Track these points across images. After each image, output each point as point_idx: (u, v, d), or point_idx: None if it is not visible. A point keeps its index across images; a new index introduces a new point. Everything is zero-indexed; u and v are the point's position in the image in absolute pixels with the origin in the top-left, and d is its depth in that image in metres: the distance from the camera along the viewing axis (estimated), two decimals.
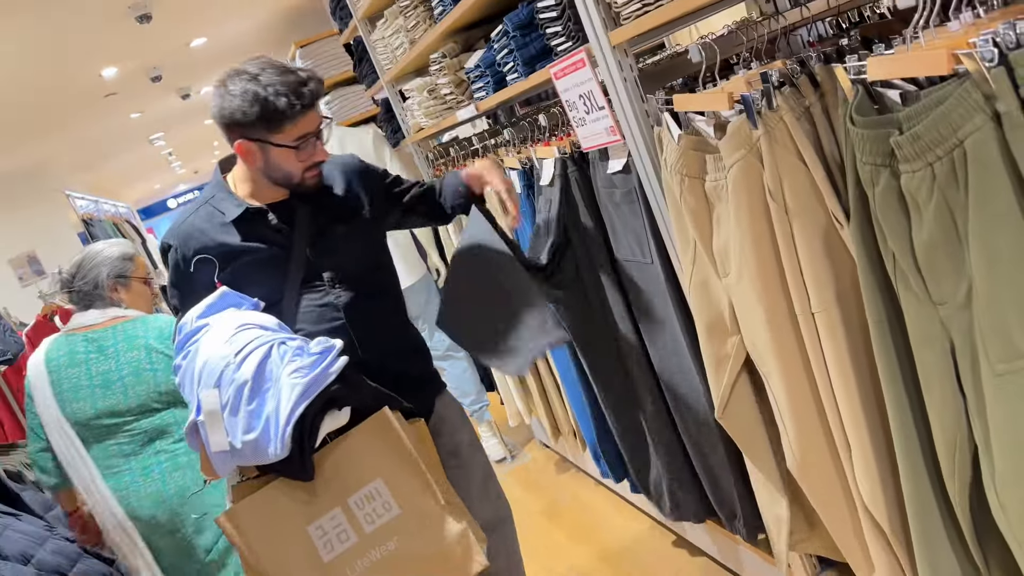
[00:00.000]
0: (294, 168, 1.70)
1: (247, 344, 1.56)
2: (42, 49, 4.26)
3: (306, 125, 1.66)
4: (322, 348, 1.58)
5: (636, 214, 1.92)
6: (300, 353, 1.56)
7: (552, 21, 1.92)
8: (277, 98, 1.59)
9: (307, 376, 1.52)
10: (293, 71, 1.63)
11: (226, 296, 1.69)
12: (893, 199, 1.13)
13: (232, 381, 1.52)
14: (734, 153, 1.44)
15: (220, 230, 1.75)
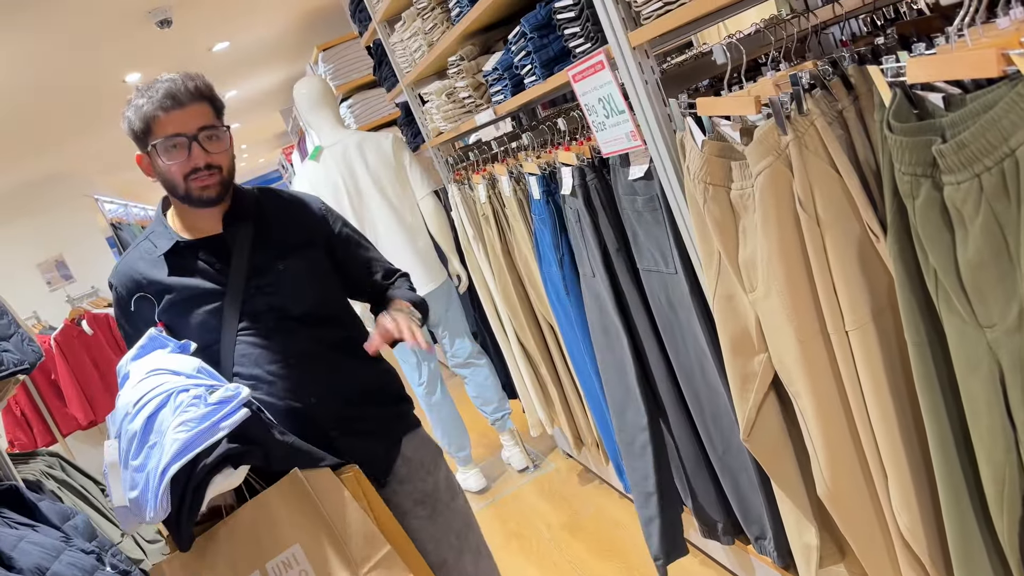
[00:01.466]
0: (174, 175, 1.58)
1: (147, 392, 1.44)
2: (65, 56, 4.27)
3: (176, 124, 1.54)
4: (220, 398, 1.43)
5: (659, 222, 1.83)
6: (196, 403, 1.42)
7: (570, 22, 1.84)
8: (146, 100, 1.54)
9: (191, 431, 1.38)
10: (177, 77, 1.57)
11: (152, 339, 1.59)
12: (935, 212, 1.03)
13: (125, 432, 1.43)
14: (761, 160, 1.35)
15: (154, 266, 1.67)
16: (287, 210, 1.78)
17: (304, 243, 1.74)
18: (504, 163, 2.75)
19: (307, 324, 1.69)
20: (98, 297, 6.89)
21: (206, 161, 1.57)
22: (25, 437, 6.19)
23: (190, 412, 1.40)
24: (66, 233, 7.10)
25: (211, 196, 1.61)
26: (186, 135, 1.55)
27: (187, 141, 1.55)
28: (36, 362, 2.96)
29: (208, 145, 1.57)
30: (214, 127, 1.58)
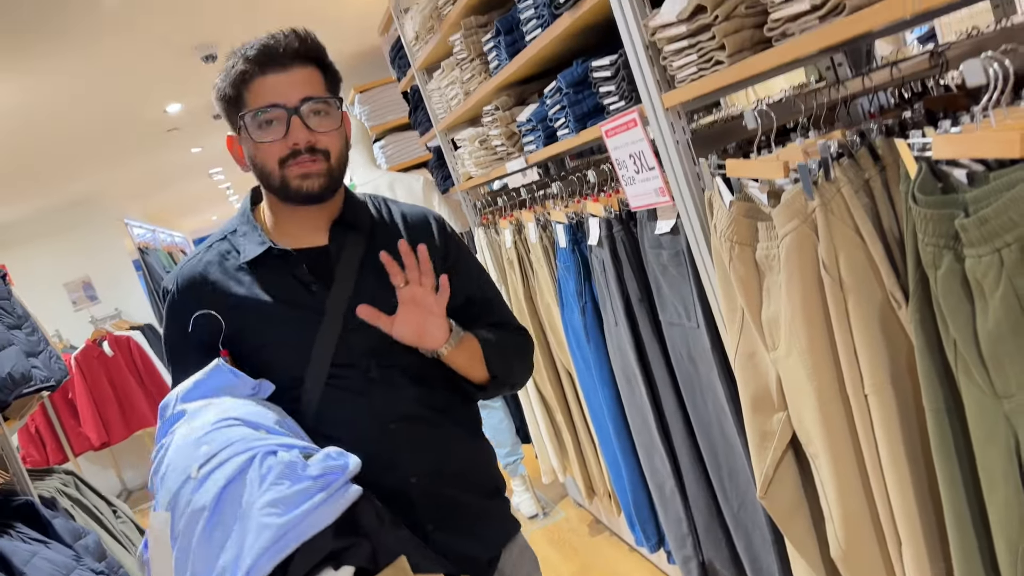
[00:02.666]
0: (266, 158, 1.23)
1: (220, 451, 1.10)
2: (111, 85, 4.41)
3: (273, 91, 1.21)
4: (324, 469, 1.08)
5: (683, 277, 1.87)
6: (291, 474, 1.07)
7: (606, 80, 1.90)
8: (239, 59, 1.22)
9: (286, 515, 1.03)
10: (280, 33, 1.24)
11: (218, 371, 1.23)
12: (956, 283, 1.07)
13: (188, 504, 1.07)
14: (788, 223, 1.39)
15: (232, 276, 1.30)
16: (407, 226, 1.39)
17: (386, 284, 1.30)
18: (532, 210, 2.81)
19: (415, 379, 1.32)
20: (120, 319, 7.00)
21: (308, 142, 1.21)
22: (38, 454, 6.24)
23: (283, 487, 1.05)
24: (95, 255, 7.23)
25: (313, 189, 1.24)
26: (285, 106, 1.20)
27: (286, 114, 1.20)
28: (62, 380, 3.02)
29: (313, 122, 1.21)
30: (324, 100, 1.23)
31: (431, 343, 1.27)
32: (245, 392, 1.22)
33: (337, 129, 1.25)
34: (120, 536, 3.34)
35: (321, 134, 1.23)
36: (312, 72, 1.24)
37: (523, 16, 2.20)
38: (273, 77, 1.21)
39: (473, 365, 1.33)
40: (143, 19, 3.53)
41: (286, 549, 1.03)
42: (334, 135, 1.25)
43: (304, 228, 1.32)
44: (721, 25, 1.42)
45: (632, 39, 1.69)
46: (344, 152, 1.28)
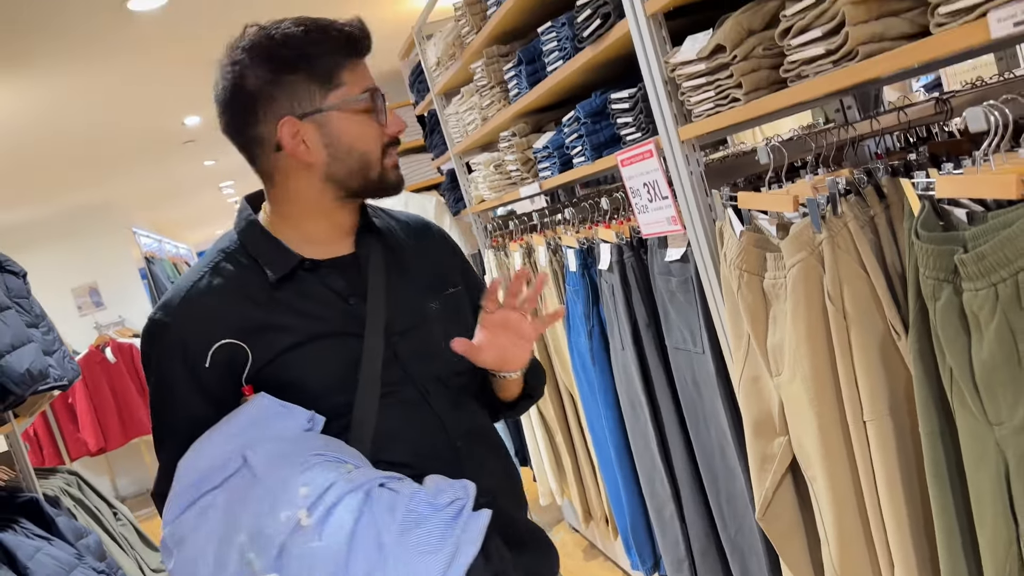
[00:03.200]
0: (370, 145, 1.13)
1: (325, 493, 0.95)
2: (133, 95, 4.51)
3: (365, 75, 1.14)
4: (449, 497, 0.99)
5: (691, 303, 1.93)
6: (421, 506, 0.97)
7: (624, 112, 1.98)
8: (323, 36, 1.09)
9: (442, 550, 0.93)
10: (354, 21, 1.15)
11: (263, 406, 1.07)
12: (954, 315, 1.13)
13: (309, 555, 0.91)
14: (796, 254, 1.46)
15: (252, 297, 1.13)
16: (410, 231, 1.30)
17: (445, 279, 1.27)
18: (543, 234, 2.88)
19: (468, 392, 1.25)
20: (124, 327, 7.05)
21: (398, 133, 1.16)
22: (34, 457, 6.26)
23: (422, 521, 0.95)
24: (102, 262, 7.30)
25: (400, 180, 1.18)
26: (381, 92, 1.14)
27: (383, 100, 1.13)
28: (74, 380, 3.08)
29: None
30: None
31: (511, 367, 1.19)
32: (298, 427, 1.06)
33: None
34: (119, 538, 3.38)
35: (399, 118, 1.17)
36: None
37: (546, 48, 2.29)
38: (364, 63, 1.14)
39: (518, 382, 1.29)
40: (170, 32, 3.63)
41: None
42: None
43: (333, 235, 1.20)
44: (739, 64, 1.50)
45: (652, 74, 1.77)
46: None
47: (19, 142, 4.66)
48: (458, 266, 1.36)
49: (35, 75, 3.68)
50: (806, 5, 1.29)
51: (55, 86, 3.89)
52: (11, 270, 2.82)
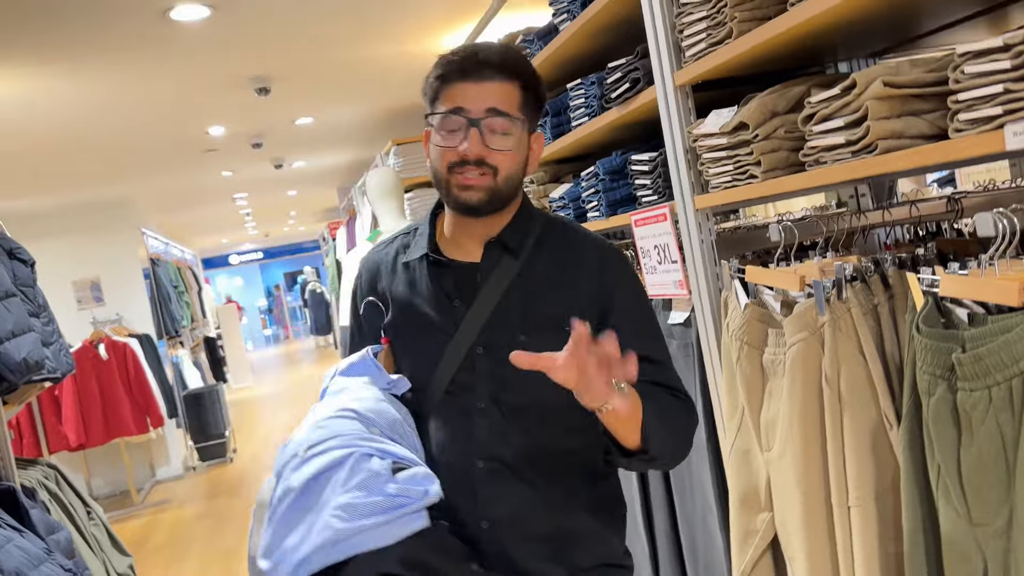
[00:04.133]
0: (437, 161, 1.25)
1: (328, 439, 1.14)
2: (162, 99, 4.58)
3: (463, 97, 1.22)
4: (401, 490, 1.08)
5: (689, 368, 1.95)
6: (371, 484, 1.08)
7: (643, 174, 2.03)
8: (445, 63, 1.25)
9: (348, 523, 1.05)
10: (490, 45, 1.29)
11: (364, 361, 1.31)
12: (947, 412, 1.15)
13: (286, 479, 1.13)
14: (797, 333, 1.49)
15: (398, 271, 1.35)
16: (569, 259, 1.32)
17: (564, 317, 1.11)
18: None
19: (525, 425, 1.26)
20: (120, 325, 7.05)
21: (479, 154, 1.21)
22: (13, 444, 6.20)
23: (360, 495, 1.06)
24: (107, 258, 7.33)
25: (471, 201, 1.24)
26: (468, 115, 1.21)
27: (466, 122, 1.21)
28: (67, 373, 3.08)
29: (492, 137, 1.21)
30: (508, 116, 1.21)
31: (589, 401, 1.08)
32: (381, 384, 1.28)
33: (513, 149, 1.24)
34: (90, 538, 3.35)
35: (495, 150, 1.22)
36: (508, 88, 1.23)
37: (573, 102, 2.34)
38: (467, 85, 1.22)
39: (628, 428, 1.15)
40: (206, 43, 3.71)
41: (338, 555, 1.04)
42: (509, 154, 1.24)
43: (469, 240, 1.32)
44: (760, 143, 1.54)
45: (674, 141, 1.82)
46: (517, 172, 1.27)
47: (46, 131, 4.73)
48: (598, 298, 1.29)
49: (73, 69, 3.75)
50: (831, 95, 1.34)
51: (89, 81, 3.96)
52: (21, 258, 2.85)
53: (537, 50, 2.56)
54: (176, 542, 5.38)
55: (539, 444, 1.26)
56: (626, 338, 1.09)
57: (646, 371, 1.15)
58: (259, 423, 9.49)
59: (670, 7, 1.79)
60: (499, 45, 1.29)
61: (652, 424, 1.16)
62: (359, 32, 3.96)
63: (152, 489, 7.02)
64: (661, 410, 1.19)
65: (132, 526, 6.02)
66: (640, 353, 1.11)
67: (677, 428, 1.26)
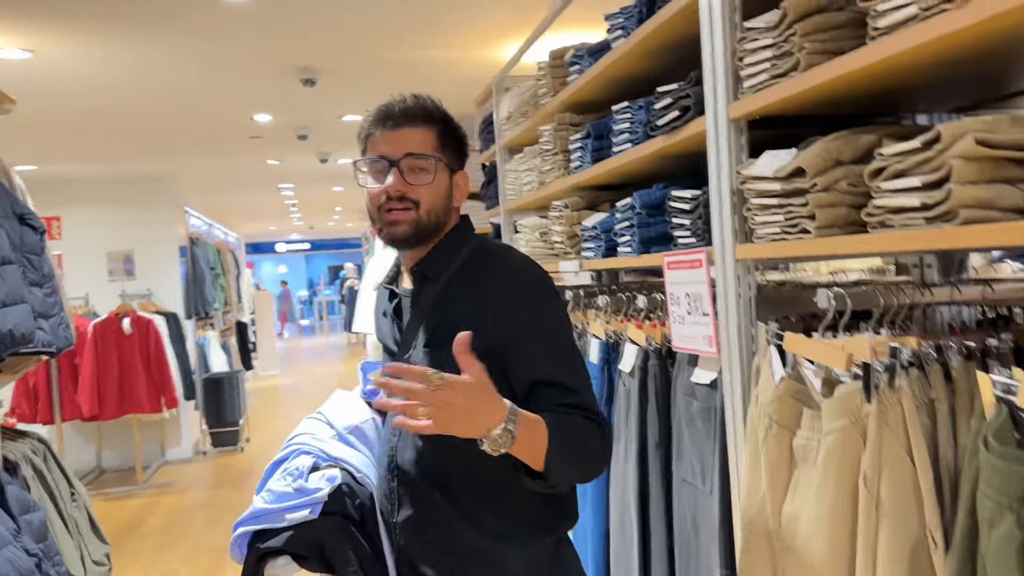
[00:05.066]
0: (370, 202, 1.39)
1: (297, 435, 1.52)
2: (209, 81, 4.52)
3: (384, 145, 1.37)
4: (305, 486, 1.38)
5: (709, 435, 1.74)
6: (291, 477, 1.41)
7: (682, 212, 1.83)
8: (370, 115, 1.41)
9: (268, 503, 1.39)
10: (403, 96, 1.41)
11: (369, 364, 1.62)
12: (1012, 552, 0.93)
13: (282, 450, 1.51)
14: (836, 420, 1.27)
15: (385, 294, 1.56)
16: (483, 284, 1.38)
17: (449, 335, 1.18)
18: (573, 313, 2.71)
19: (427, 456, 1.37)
20: (149, 301, 7.02)
21: (399, 191, 1.35)
22: (28, 408, 6.18)
23: (281, 484, 1.40)
24: (144, 233, 7.32)
25: (396, 235, 1.37)
26: (389, 158, 1.35)
27: (387, 166, 1.35)
28: (64, 348, 2.96)
29: (410, 175, 1.35)
30: (423, 156, 1.36)
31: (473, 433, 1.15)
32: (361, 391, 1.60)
33: (430, 183, 1.37)
34: (69, 521, 3.21)
35: (414, 185, 1.36)
36: (422, 132, 1.38)
37: (616, 127, 2.15)
38: (386, 134, 1.37)
39: (524, 453, 1.19)
40: (258, 29, 3.61)
41: (255, 524, 1.38)
42: (428, 187, 1.37)
43: (409, 270, 1.48)
44: (818, 195, 1.34)
45: (720, 181, 1.62)
46: (439, 205, 1.40)
47: (99, 100, 4.69)
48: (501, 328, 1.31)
49: (127, 39, 3.68)
50: (909, 148, 1.13)
51: (143, 53, 3.90)
52: (31, 224, 2.73)
53: (586, 66, 2.37)
54: (170, 528, 5.28)
55: (438, 458, 1.35)
56: (529, 361, 1.30)
57: (552, 396, 1.28)
58: (276, 414, 9.41)
59: (732, 31, 1.59)
60: (413, 97, 1.40)
61: (555, 450, 1.20)
62: (413, 33, 3.83)
63: (159, 469, 6.95)
64: (566, 433, 1.23)
65: (130, 505, 5.94)
66: (544, 378, 1.29)
67: (586, 452, 1.28)
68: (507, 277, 1.38)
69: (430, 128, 1.39)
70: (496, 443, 1.14)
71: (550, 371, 1.29)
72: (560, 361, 1.32)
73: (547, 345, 1.32)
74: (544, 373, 1.29)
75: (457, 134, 1.44)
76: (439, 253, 1.42)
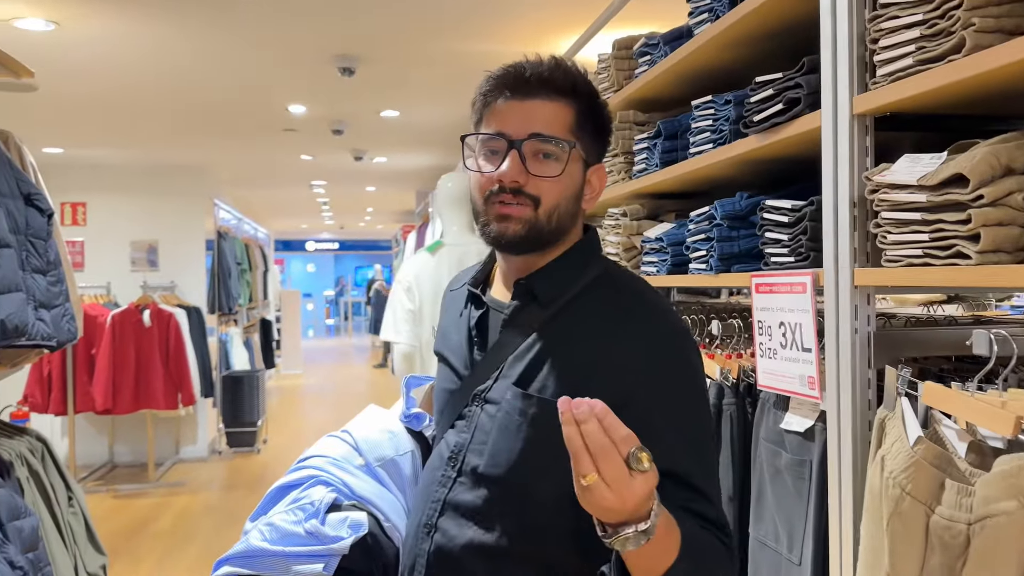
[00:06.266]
0: (475, 188, 1.10)
1: (312, 456, 1.24)
2: (243, 69, 4.30)
3: (505, 119, 1.07)
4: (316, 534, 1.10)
5: (801, 496, 1.45)
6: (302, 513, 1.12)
7: (778, 226, 1.53)
8: (491, 77, 1.10)
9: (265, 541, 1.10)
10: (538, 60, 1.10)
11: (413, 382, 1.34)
12: None
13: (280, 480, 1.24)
14: (1000, 501, 0.98)
15: (455, 299, 1.26)
16: (605, 326, 1.07)
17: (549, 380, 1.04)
18: None
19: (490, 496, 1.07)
20: (172, 294, 6.83)
21: (516, 182, 1.05)
22: (41, 398, 6.00)
23: (288, 519, 1.12)
24: (170, 223, 7.13)
25: (504, 234, 1.07)
26: (509, 137, 1.06)
27: (505, 146, 1.06)
28: (67, 342, 2.71)
29: (532, 162, 1.06)
30: (554, 139, 1.06)
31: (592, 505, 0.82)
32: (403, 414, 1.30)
33: (557, 177, 1.06)
34: (64, 527, 2.97)
35: (536, 176, 1.06)
36: (558, 108, 1.08)
37: (696, 124, 1.87)
38: (511, 104, 1.08)
39: (649, 561, 0.87)
40: (297, 10, 3.38)
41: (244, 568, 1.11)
42: (553, 181, 1.06)
43: (508, 280, 1.16)
44: (984, 210, 1.04)
45: (838, 189, 1.33)
46: (564, 206, 1.08)
47: (126, 79, 4.49)
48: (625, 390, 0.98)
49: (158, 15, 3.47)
50: None
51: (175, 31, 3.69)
52: (37, 205, 2.50)
53: (660, 57, 2.09)
54: (178, 532, 5.04)
55: (490, 531, 1.05)
56: (656, 442, 0.84)
57: (679, 496, 0.94)
58: (296, 415, 9.19)
59: (861, 9, 1.31)
60: (552, 59, 1.09)
61: (682, 568, 0.87)
62: (459, 23, 3.57)
63: (171, 468, 6.74)
64: (699, 554, 0.91)
65: (140, 504, 5.72)
66: (674, 470, 0.95)
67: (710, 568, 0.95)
68: (643, 323, 1.06)
69: (570, 104, 1.08)
70: (628, 541, 0.82)
71: (683, 463, 0.98)
72: (698, 454, 1.02)
73: (683, 428, 1.00)
74: (674, 463, 0.95)
75: (602, 117, 1.13)
76: (556, 269, 1.11)
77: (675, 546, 0.87)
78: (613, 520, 0.82)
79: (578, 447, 0.78)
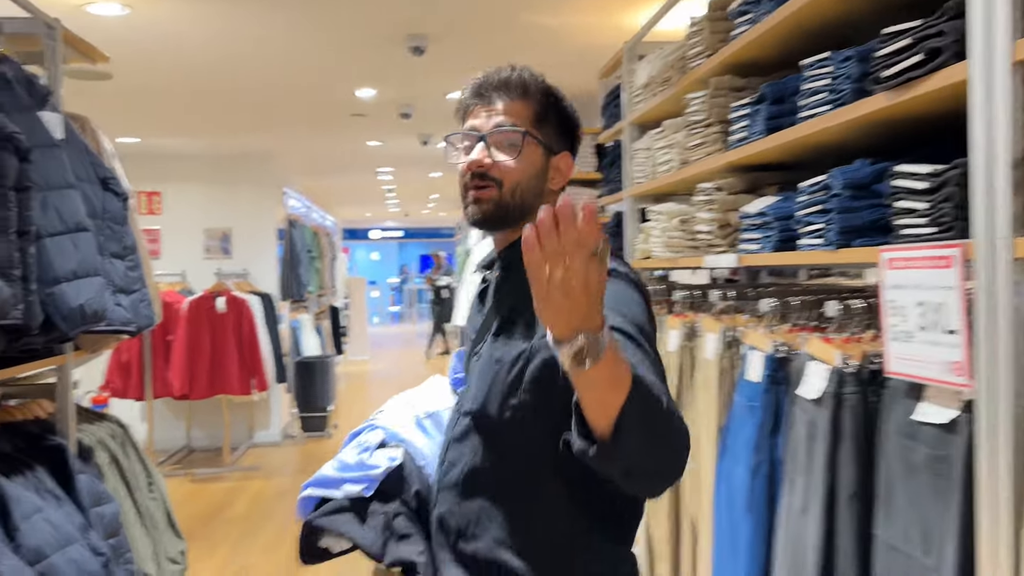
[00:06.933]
0: (459, 177, 1.31)
1: (380, 412, 1.50)
2: (311, 53, 4.25)
3: (476, 118, 1.29)
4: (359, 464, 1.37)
5: (940, 494, 1.29)
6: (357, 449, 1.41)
7: (915, 194, 1.37)
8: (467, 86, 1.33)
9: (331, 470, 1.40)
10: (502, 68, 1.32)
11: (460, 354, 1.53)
12: None
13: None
14: None
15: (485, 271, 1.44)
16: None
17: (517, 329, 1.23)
18: (719, 319, 2.28)
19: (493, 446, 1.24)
20: (245, 281, 6.89)
21: (481, 167, 1.24)
22: (121, 383, 6.13)
23: (351, 454, 1.41)
24: (244, 212, 7.21)
25: (475, 214, 1.27)
26: (478, 131, 1.27)
27: (476, 139, 1.27)
28: (144, 328, 2.68)
29: (495, 150, 1.25)
30: (510, 128, 1.25)
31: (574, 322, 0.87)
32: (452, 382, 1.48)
33: (515, 159, 1.25)
34: (144, 513, 2.97)
35: (499, 162, 1.25)
36: (517, 106, 1.27)
37: (807, 85, 1.71)
38: (479, 107, 1.29)
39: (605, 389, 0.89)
40: None
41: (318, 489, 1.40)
42: (512, 164, 1.25)
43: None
44: None
45: (991, 149, 1.16)
46: (526, 185, 1.26)
47: (200, 66, 4.49)
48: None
49: (233, 1, 3.43)
50: None
51: (245, 14, 3.64)
52: (113, 190, 2.48)
53: (763, 14, 1.92)
54: (252, 515, 5.09)
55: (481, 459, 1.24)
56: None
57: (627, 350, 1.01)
58: (364, 400, 9.24)
59: None
60: (510, 67, 1.30)
61: (636, 401, 0.89)
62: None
63: (246, 452, 6.83)
64: (651, 390, 0.91)
65: (216, 488, 5.80)
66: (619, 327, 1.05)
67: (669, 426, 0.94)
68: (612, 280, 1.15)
69: (527, 101, 1.28)
70: (583, 351, 0.85)
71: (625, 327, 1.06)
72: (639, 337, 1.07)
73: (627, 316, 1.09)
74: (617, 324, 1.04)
75: (562, 111, 1.31)
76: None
77: (626, 378, 0.88)
78: (574, 323, 0.85)
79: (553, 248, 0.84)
